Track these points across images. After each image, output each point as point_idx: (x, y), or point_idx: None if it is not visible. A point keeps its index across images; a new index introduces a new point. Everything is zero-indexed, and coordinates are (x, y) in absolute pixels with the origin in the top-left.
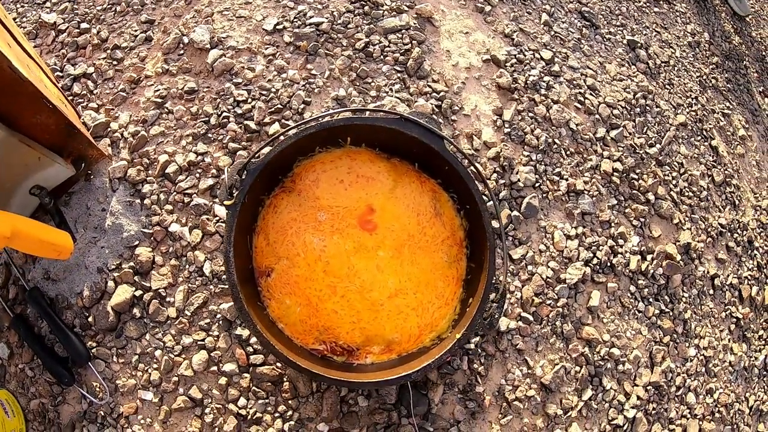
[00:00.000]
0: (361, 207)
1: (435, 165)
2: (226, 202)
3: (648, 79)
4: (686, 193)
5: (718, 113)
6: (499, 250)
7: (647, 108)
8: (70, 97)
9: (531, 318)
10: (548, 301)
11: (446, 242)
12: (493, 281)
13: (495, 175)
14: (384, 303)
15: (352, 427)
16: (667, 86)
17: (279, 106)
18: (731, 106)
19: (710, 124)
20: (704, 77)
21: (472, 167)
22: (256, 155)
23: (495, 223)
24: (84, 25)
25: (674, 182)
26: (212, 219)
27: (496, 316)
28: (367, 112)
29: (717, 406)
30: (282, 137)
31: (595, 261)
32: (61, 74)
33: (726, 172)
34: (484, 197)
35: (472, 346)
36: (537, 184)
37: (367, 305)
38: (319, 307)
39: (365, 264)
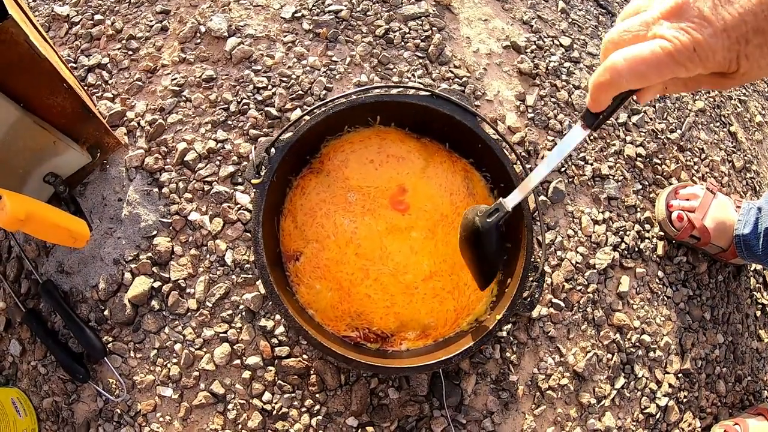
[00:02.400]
0: (393, 187)
1: (467, 143)
2: (253, 181)
3: None
4: (708, 179)
5: (734, 99)
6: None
7: (667, 93)
8: (85, 88)
9: (562, 304)
10: (578, 287)
11: None
12: (532, 260)
13: (521, 160)
14: (419, 286)
15: (382, 420)
16: None
17: (300, 92)
18: (747, 93)
19: (728, 110)
20: None
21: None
22: (285, 133)
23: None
24: (98, 17)
25: (696, 167)
26: (234, 207)
27: (536, 296)
28: (397, 90)
29: (746, 394)
30: (308, 116)
31: (623, 246)
32: (75, 65)
33: (746, 157)
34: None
35: (504, 333)
36: (563, 169)
37: (402, 288)
38: (351, 292)
39: (399, 245)
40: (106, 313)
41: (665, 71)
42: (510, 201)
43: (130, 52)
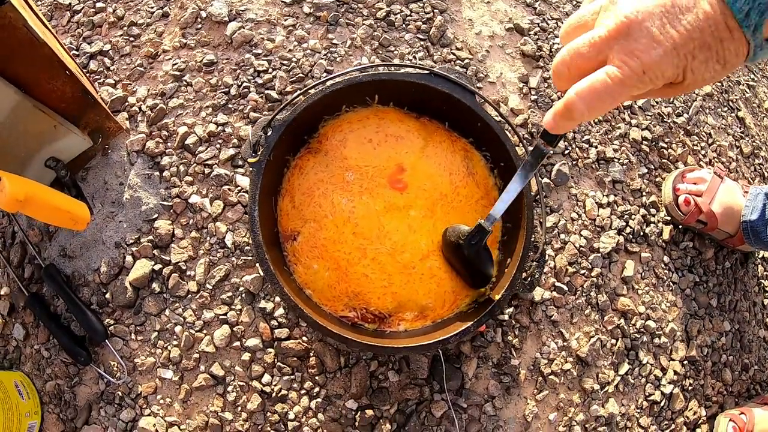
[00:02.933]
0: (391, 166)
1: (466, 122)
2: (250, 160)
3: None
4: (716, 164)
5: (743, 85)
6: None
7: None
8: (87, 74)
9: (565, 288)
10: (582, 271)
11: (480, 203)
12: (532, 239)
13: (524, 141)
14: (416, 265)
15: (382, 403)
16: None
17: (301, 75)
18: (756, 78)
19: (736, 95)
20: None
21: (507, 126)
22: (281, 111)
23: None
24: (99, 5)
25: (703, 152)
26: (234, 189)
27: (537, 276)
28: (395, 68)
29: (753, 383)
30: (305, 96)
31: (627, 230)
32: (77, 53)
33: (754, 143)
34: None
35: (506, 317)
36: (566, 152)
37: (399, 268)
38: (349, 271)
39: (396, 224)
40: (107, 296)
41: (618, 98)
42: (488, 221)
43: (132, 39)
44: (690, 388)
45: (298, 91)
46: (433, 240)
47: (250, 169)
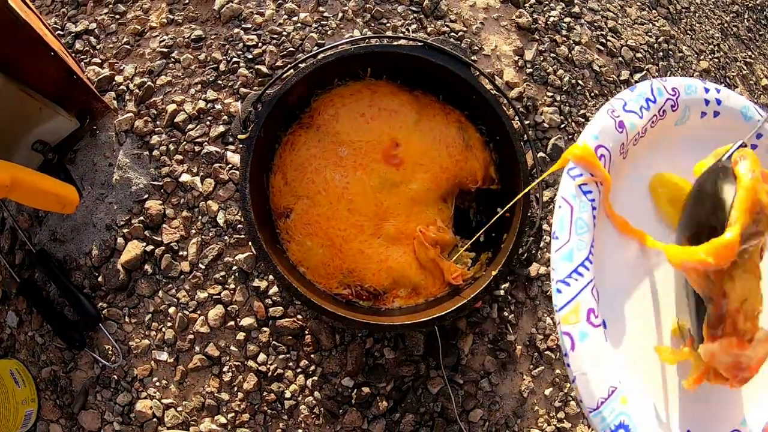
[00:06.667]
0: (385, 141)
1: (461, 95)
2: (240, 136)
3: (669, 24)
4: None
5: (740, 62)
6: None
7: (670, 53)
8: (73, 54)
9: None
10: None
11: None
12: (529, 214)
13: (519, 115)
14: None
15: (378, 381)
16: (689, 32)
17: (291, 49)
18: (753, 56)
19: (733, 72)
20: (725, 25)
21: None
22: (272, 86)
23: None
24: None
25: None
26: (225, 167)
27: (534, 252)
28: (387, 41)
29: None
30: (295, 70)
31: None
32: (61, 32)
33: None
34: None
35: (502, 292)
36: (562, 126)
37: (401, 238)
38: (343, 248)
39: (397, 199)
40: (99, 279)
41: None
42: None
43: (118, 16)
44: None
45: (288, 66)
46: (437, 210)
47: (241, 145)
